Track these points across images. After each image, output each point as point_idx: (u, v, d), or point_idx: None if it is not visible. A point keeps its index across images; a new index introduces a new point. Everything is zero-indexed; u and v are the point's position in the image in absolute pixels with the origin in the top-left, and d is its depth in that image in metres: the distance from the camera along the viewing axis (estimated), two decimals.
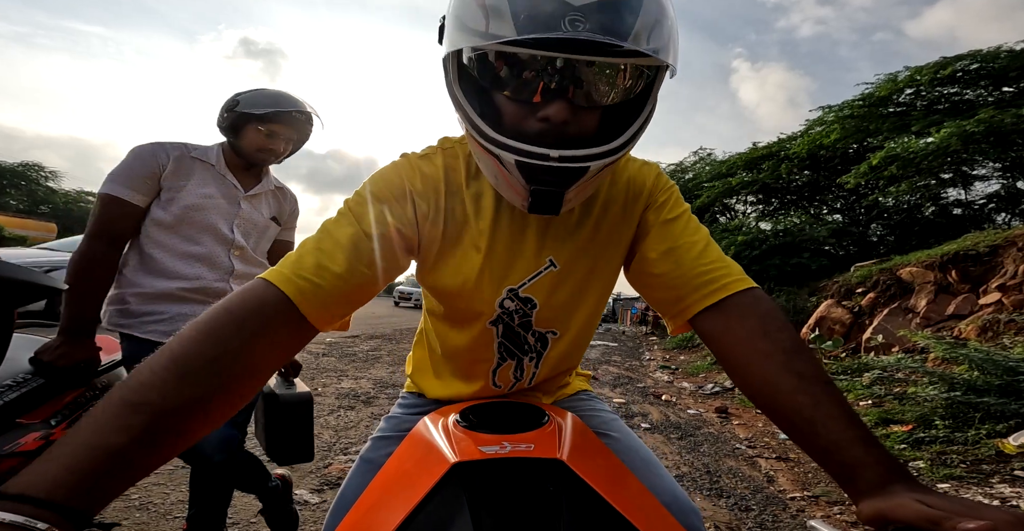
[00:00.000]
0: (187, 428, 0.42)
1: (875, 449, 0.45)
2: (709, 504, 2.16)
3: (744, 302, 0.57)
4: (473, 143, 0.53)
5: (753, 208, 11.74)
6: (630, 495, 0.47)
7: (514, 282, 0.64)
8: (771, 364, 0.51)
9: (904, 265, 5.32)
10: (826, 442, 0.46)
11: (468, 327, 0.67)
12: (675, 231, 0.63)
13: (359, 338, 7.02)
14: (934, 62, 7.98)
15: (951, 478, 2.24)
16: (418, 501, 0.42)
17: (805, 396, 0.48)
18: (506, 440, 0.50)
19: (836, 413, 0.47)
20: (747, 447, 3.06)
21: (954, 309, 4.51)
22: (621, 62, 0.48)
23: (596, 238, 0.65)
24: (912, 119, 8.03)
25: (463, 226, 0.61)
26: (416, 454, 0.54)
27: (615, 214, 0.65)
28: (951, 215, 8.98)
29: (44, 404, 1.01)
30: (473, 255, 0.62)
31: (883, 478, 0.43)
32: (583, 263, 0.65)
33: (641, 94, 0.52)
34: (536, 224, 0.63)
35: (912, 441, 2.67)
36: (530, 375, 0.72)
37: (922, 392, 3.01)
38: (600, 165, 0.50)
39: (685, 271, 0.59)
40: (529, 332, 0.68)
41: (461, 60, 0.51)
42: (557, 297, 0.65)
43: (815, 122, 9.68)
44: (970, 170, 8.22)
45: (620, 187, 0.66)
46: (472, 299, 0.64)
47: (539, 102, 0.49)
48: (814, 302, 6.41)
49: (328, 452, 2.42)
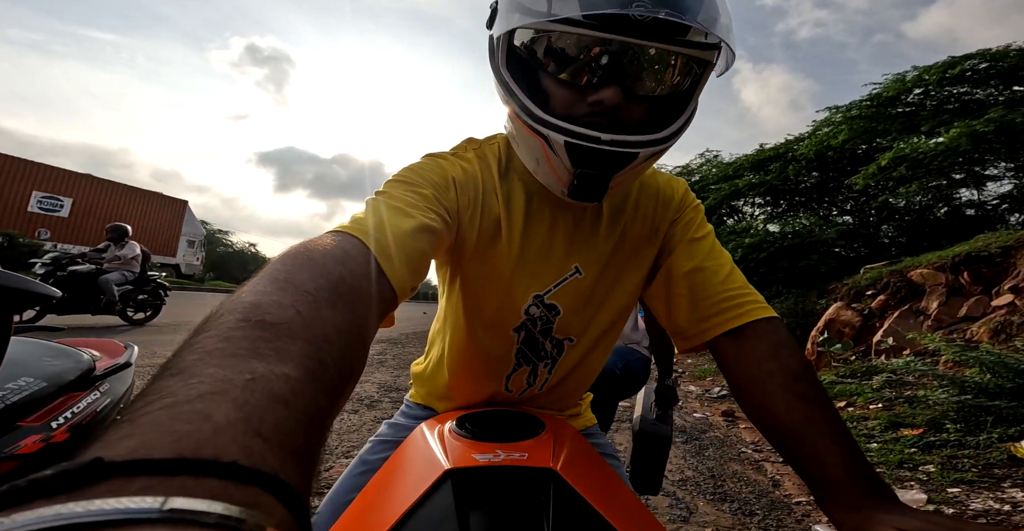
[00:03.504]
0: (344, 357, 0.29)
1: (859, 468, 0.44)
2: (712, 508, 2.13)
3: (762, 329, 0.57)
4: (519, 125, 0.52)
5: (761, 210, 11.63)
6: (623, 507, 0.47)
7: (540, 288, 0.62)
8: (773, 383, 0.52)
9: (915, 267, 5.24)
10: (811, 459, 0.46)
11: (491, 332, 0.65)
12: (702, 251, 0.62)
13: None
14: (942, 61, 7.89)
15: (962, 483, 2.19)
16: (409, 506, 0.43)
17: (798, 413, 0.49)
18: (500, 448, 0.51)
19: (825, 430, 0.47)
20: (753, 451, 3.02)
21: (966, 311, 4.43)
22: (684, 51, 0.47)
23: (622, 247, 0.65)
24: (921, 119, 7.92)
25: (496, 226, 0.60)
26: (411, 459, 0.55)
27: (641, 224, 0.65)
28: (964, 216, 8.83)
29: (45, 407, 1.02)
30: (505, 257, 0.60)
31: (861, 500, 0.42)
32: (608, 272, 0.65)
33: (688, 89, 0.52)
34: (564, 229, 0.62)
35: (923, 445, 2.63)
36: (543, 381, 0.71)
37: (933, 395, 2.95)
38: (648, 152, 0.49)
39: (710, 294, 0.59)
40: (548, 339, 0.67)
41: (512, 42, 0.51)
42: (579, 305, 0.65)
43: (822, 123, 9.60)
44: (982, 170, 8.10)
45: (648, 198, 0.66)
46: (500, 304, 0.63)
47: (591, 86, 0.48)
48: (823, 304, 6.33)
49: (329, 456, 2.43)
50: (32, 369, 1.05)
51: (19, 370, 1.03)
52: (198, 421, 0.18)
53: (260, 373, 0.22)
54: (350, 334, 0.31)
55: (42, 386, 1.02)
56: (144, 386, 0.22)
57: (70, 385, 1.08)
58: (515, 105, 0.50)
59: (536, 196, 0.61)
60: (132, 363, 1.32)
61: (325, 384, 0.26)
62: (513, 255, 0.60)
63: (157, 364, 4.15)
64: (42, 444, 0.96)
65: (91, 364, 1.16)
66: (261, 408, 0.20)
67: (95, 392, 1.14)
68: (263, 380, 0.22)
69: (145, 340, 5.34)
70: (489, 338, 0.66)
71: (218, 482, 0.16)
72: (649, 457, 1.36)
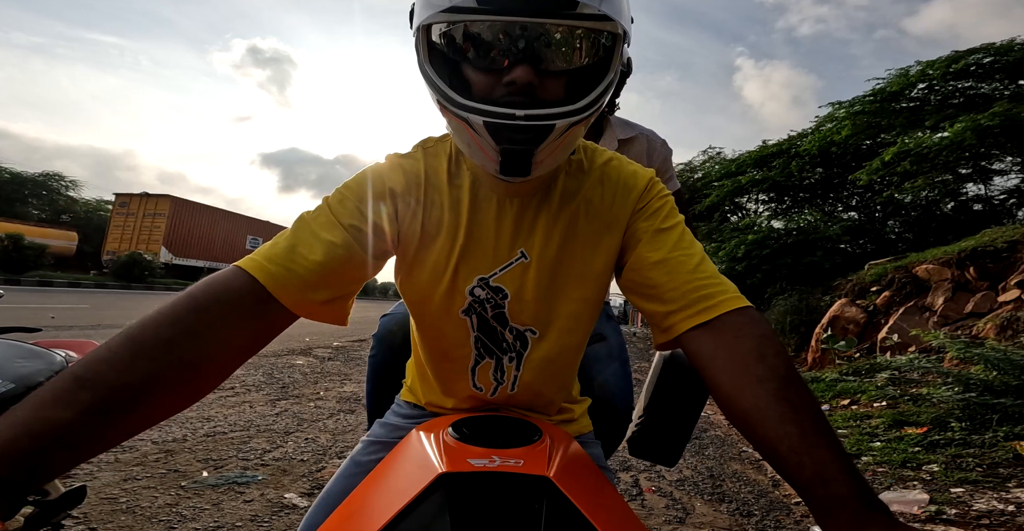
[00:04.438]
0: (140, 408, 0.41)
1: (856, 486, 0.42)
2: (710, 509, 2.10)
3: (739, 322, 0.54)
4: (445, 113, 0.55)
5: (765, 206, 11.55)
6: (616, 517, 0.46)
7: (485, 271, 0.65)
8: (763, 390, 0.49)
9: (920, 262, 5.17)
10: (809, 475, 0.44)
11: (443, 318, 0.67)
12: (669, 241, 0.62)
13: (365, 342, 7.04)
14: (946, 56, 7.78)
15: (966, 482, 2.14)
16: (401, 508, 0.42)
17: (794, 426, 0.46)
18: (496, 454, 0.50)
19: (823, 442, 0.45)
20: (753, 450, 2.98)
21: (972, 307, 4.37)
22: (580, 24, 0.50)
23: (572, 235, 0.65)
24: (925, 114, 7.84)
25: (440, 220, 0.63)
26: (404, 462, 0.54)
27: (596, 213, 0.65)
28: (970, 211, 8.73)
29: None
30: (448, 246, 0.63)
31: (861, 517, 0.40)
32: (559, 260, 0.65)
33: (602, 61, 0.54)
34: (511, 216, 0.64)
35: (927, 444, 2.58)
36: (511, 378, 0.70)
37: (937, 393, 2.90)
38: (565, 124, 0.52)
39: (679, 284, 0.58)
40: (507, 329, 0.67)
41: (431, 37, 0.54)
42: (528, 289, 0.65)
43: (826, 118, 9.50)
44: (988, 165, 7.99)
45: (607, 188, 0.66)
46: (446, 288, 0.65)
47: (504, 68, 0.52)
48: (827, 301, 6.26)
49: (323, 456, 2.41)
50: (2, 370, 1.03)
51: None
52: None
53: (38, 417, 0.37)
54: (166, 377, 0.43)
55: (10, 387, 1.00)
56: None
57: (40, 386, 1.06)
58: (437, 95, 0.54)
59: (483, 186, 0.65)
60: None
61: (95, 422, 0.38)
62: (459, 241, 0.63)
63: None
64: None
65: (64, 365, 1.13)
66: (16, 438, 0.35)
67: None
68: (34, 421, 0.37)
69: None
70: (442, 324, 0.68)
71: None
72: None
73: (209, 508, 1.75)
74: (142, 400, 0.41)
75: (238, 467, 2.18)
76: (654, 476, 2.46)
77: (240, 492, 1.91)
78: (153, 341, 0.43)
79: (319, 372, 4.61)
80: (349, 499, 0.51)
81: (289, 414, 3.12)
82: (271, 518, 1.72)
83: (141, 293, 15.79)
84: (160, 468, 2.08)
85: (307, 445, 2.55)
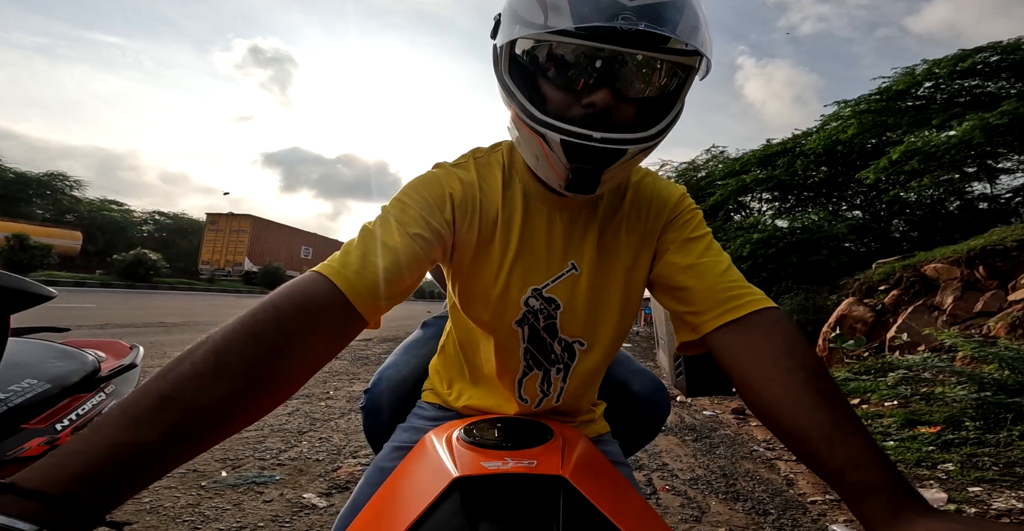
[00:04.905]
0: (221, 426, 0.41)
1: (891, 472, 0.43)
2: (725, 508, 2.10)
3: (766, 321, 0.56)
4: (520, 125, 0.57)
5: (769, 206, 11.50)
6: (633, 513, 0.46)
7: (538, 282, 0.66)
8: (794, 381, 0.50)
9: (928, 261, 5.15)
10: (842, 461, 0.44)
11: (495, 328, 0.68)
12: (698, 249, 0.65)
13: (372, 341, 7.06)
14: (952, 55, 7.73)
15: (982, 481, 2.14)
16: (419, 514, 0.42)
17: (826, 413, 0.47)
18: (509, 456, 0.50)
19: (854, 430, 0.46)
20: (765, 449, 2.98)
21: (982, 306, 4.35)
22: (666, 57, 0.53)
23: (615, 246, 0.67)
24: (932, 113, 7.78)
25: (494, 230, 0.65)
26: (419, 467, 0.55)
27: (635, 225, 0.68)
28: (977, 210, 8.68)
29: (50, 409, 1.01)
30: (501, 255, 0.65)
31: (897, 503, 0.41)
32: (602, 269, 0.67)
33: (674, 92, 0.57)
34: (561, 228, 0.66)
35: (941, 443, 2.57)
36: (558, 390, 0.71)
37: (950, 392, 2.90)
38: (636, 149, 0.54)
39: (708, 285, 0.60)
40: (556, 340, 0.68)
41: (513, 51, 0.57)
42: (579, 300, 0.67)
43: (830, 117, 9.46)
44: (995, 163, 7.95)
45: (643, 201, 0.69)
46: (499, 297, 0.66)
47: (585, 90, 0.54)
48: (834, 300, 6.25)
49: (337, 455, 2.42)
50: (36, 371, 1.04)
51: (23, 372, 1.01)
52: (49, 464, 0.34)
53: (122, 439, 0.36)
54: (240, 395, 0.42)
55: (46, 388, 1.01)
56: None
57: (75, 387, 1.07)
58: (516, 107, 0.56)
59: (534, 197, 0.66)
60: (138, 364, 1.30)
61: (177, 442, 0.38)
62: (511, 250, 0.65)
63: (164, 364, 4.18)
64: (47, 446, 0.95)
65: (96, 365, 1.14)
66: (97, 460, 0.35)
67: (100, 394, 1.12)
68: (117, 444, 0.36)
69: (155, 341, 5.38)
70: (493, 333, 0.68)
71: (15, 499, 0.31)
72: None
73: (231, 508, 1.76)
74: (223, 419, 0.41)
75: (255, 467, 2.19)
76: (667, 475, 2.46)
77: (259, 492, 1.92)
78: (237, 359, 0.42)
79: (327, 371, 4.63)
80: (368, 506, 0.51)
81: (301, 414, 3.13)
82: (292, 518, 1.73)
83: (146, 293, 15.84)
84: (181, 469, 2.09)
85: (321, 445, 2.56)
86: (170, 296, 15.19)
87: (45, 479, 0.32)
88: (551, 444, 0.54)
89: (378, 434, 0.95)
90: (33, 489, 0.32)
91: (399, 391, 0.93)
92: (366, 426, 0.99)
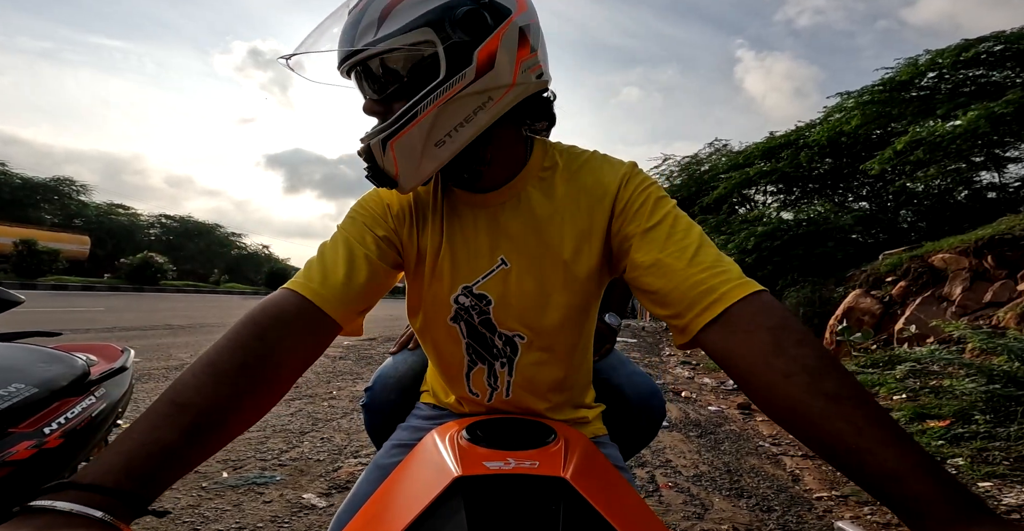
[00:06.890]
0: (227, 425, 0.48)
1: (942, 479, 0.38)
2: (729, 505, 2.07)
3: (748, 312, 0.50)
4: None
5: (774, 198, 11.41)
6: (634, 516, 0.46)
7: (469, 280, 0.68)
8: (794, 386, 0.44)
9: (936, 252, 5.09)
10: (880, 473, 0.40)
11: (435, 326, 0.71)
12: (658, 239, 0.58)
13: (376, 341, 7.07)
14: (956, 44, 7.62)
15: (993, 476, 2.10)
16: (418, 513, 0.42)
17: (843, 422, 0.42)
18: (511, 456, 0.50)
19: (885, 438, 0.40)
20: (771, 445, 2.95)
21: (991, 296, 4.29)
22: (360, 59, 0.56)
23: (543, 240, 0.65)
24: (936, 103, 7.68)
25: (428, 234, 0.68)
26: (420, 466, 0.55)
27: (569, 217, 0.64)
28: (985, 199, 8.57)
29: (38, 413, 1.00)
30: (434, 258, 0.68)
31: (959, 515, 0.36)
32: (532, 263, 0.66)
33: (409, 82, 0.57)
34: (485, 225, 0.66)
35: (950, 437, 2.53)
36: (505, 383, 0.72)
37: (959, 385, 2.85)
38: (377, 141, 0.57)
39: (677, 284, 0.54)
40: (495, 335, 0.69)
41: None
42: (511, 295, 0.67)
43: (834, 109, 9.36)
44: (1002, 152, 7.84)
45: (583, 190, 0.65)
46: (432, 298, 0.69)
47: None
48: (841, 292, 6.19)
49: (339, 455, 2.41)
50: (24, 375, 1.03)
51: (10, 376, 1.00)
52: (99, 463, 0.41)
53: (150, 439, 0.43)
54: (244, 395, 0.50)
55: (34, 392, 1.00)
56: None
57: (64, 390, 1.06)
58: None
59: (459, 199, 0.68)
60: (129, 367, 1.30)
61: (194, 441, 0.45)
62: (442, 252, 0.67)
63: (171, 366, 4.21)
64: (35, 450, 0.94)
65: (85, 369, 1.13)
66: (135, 458, 0.41)
67: (90, 397, 1.11)
68: (147, 443, 0.43)
69: (162, 343, 5.41)
70: (435, 332, 0.72)
71: (78, 493, 0.38)
72: None
73: (230, 509, 1.76)
74: (228, 417, 0.48)
75: (256, 467, 2.19)
76: (670, 472, 2.44)
77: (259, 493, 1.92)
78: (228, 366, 0.49)
79: (331, 371, 4.63)
80: (368, 504, 0.51)
81: (304, 414, 3.13)
82: (291, 519, 1.72)
83: (154, 296, 15.96)
84: None
85: (323, 445, 2.56)
86: (177, 299, 15.31)
87: (97, 475, 0.39)
88: (553, 445, 0.54)
89: (380, 431, 0.95)
90: (91, 483, 0.38)
91: (399, 388, 0.95)
92: (368, 423, 1.00)
